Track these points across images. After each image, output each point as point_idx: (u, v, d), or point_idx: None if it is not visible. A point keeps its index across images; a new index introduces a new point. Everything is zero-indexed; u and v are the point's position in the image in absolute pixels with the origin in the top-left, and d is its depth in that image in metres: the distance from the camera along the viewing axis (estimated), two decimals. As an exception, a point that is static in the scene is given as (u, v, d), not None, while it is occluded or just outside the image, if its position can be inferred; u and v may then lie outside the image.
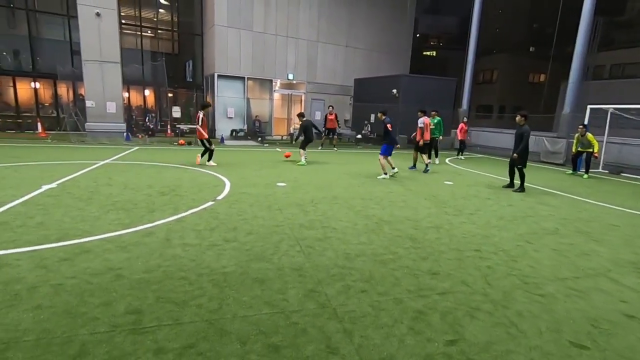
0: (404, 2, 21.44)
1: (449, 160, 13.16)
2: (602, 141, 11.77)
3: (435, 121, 11.60)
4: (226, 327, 2.50)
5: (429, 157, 11.12)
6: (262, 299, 2.88)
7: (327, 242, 4.21)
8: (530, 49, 33.97)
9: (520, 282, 3.43)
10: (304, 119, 10.55)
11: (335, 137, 15.32)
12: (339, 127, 18.79)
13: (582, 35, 13.84)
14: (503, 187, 8.16)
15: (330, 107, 15.12)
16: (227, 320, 2.58)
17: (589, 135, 10.16)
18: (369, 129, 17.79)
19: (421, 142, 9.94)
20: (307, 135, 10.32)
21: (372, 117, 17.59)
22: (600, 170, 11.98)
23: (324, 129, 15.25)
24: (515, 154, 7.64)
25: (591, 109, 12.11)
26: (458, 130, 14.02)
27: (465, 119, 14.50)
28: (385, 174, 8.59)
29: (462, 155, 14.11)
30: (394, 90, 16.18)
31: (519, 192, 7.69)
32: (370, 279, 3.33)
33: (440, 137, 12.12)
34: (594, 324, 2.79)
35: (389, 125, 8.65)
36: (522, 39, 33.49)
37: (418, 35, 31.18)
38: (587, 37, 14.11)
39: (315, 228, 4.66)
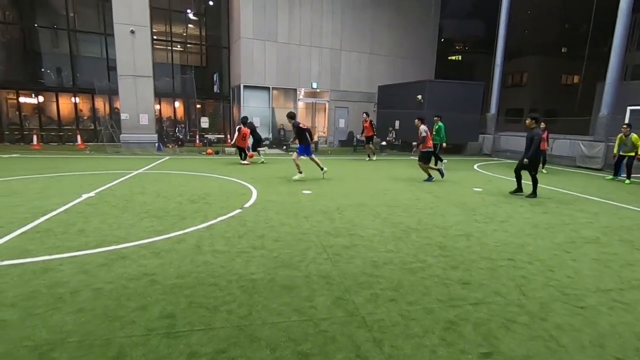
0: (428, 7, 21.27)
1: (477, 167, 12.80)
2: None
3: (437, 127, 11.34)
4: (256, 333, 2.53)
5: (435, 164, 11.03)
6: (290, 306, 2.90)
7: (354, 249, 4.18)
8: (563, 50, 32.68)
9: (559, 294, 3.27)
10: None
11: (371, 145, 13.97)
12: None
13: (619, 33, 13.18)
14: (510, 193, 7.76)
15: (365, 114, 13.87)
16: (257, 326, 2.61)
17: (634, 136, 9.51)
18: (394, 136, 17.64)
19: (416, 150, 9.43)
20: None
21: (397, 123, 17.44)
22: (643, 175, 11.27)
23: (362, 136, 14.72)
24: (526, 159, 7.29)
25: (631, 110, 11.46)
26: None
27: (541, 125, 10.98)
28: (300, 172, 8.61)
29: (543, 169, 11.20)
30: (419, 96, 15.99)
31: (531, 197, 7.36)
32: (398, 287, 3.28)
33: (444, 144, 11.47)
34: (642, 339, 2.61)
35: (302, 126, 8.71)
36: (554, 40, 32.28)
37: (443, 39, 30.71)
38: (625, 35, 13.42)
39: (342, 235, 4.65)
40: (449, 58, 36.23)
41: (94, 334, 2.45)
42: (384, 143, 17.66)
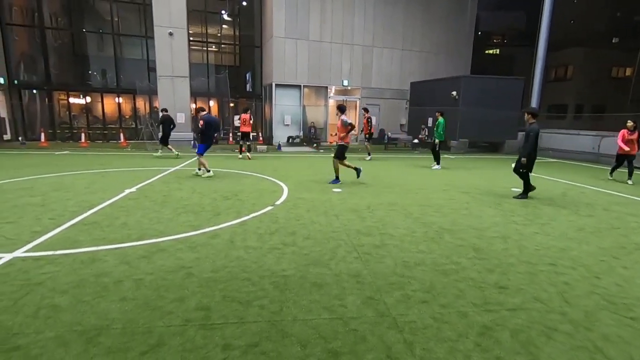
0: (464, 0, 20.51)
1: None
2: None
3: (437, 123, 10.83)
4: (287, 329, 2.57)
5: (438, 162, 10.94)
6: (320, 304, 2.92)
7: (385, 249, 4.14)
8: (614, 40, 30.37)
9: (606, 302, 3.06)
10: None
11: (368, 143, 13.30)
12: (389, 133, 18.45)
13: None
14: (514, 197, 7.03)
15: (364, 110, 13.40)
16: (288, 322, 2.65)
17: None
18: (426, 133, 17.21)
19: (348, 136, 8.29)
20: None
21: (430, 120, 17.00)
22: None
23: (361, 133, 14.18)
24: (523, 158, 6.73)
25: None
26: (620, 139, 9.19)
27: (630, 123, 9.08)
28: (209, 171, 8.50)
29: (630, 180, 9.04)
30: (454, 93, 15.49)
31: (521, 198, 6.85)
32: (431, 289, 3.21)
33: (437, 141, 10.78)
34: (703, 356, 2.39)
35: (201, 123, 8.58)
36: (603, 30, 30.06)
37: (480, 32, 29.50)
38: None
39: (373, 235, 4.61)
40: (487, 52, 34.78)
41: (136, 322, 2.60)
42: (415, 141, 17.29)
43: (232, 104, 21.09)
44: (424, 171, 10.41)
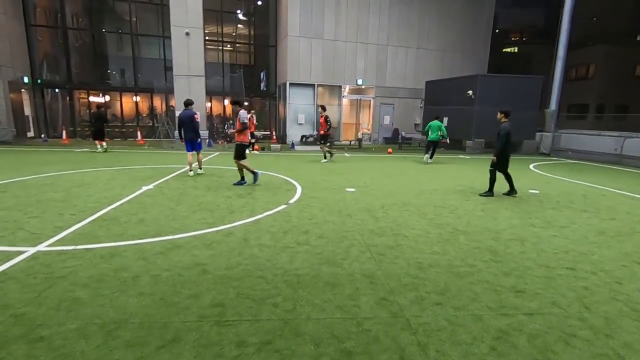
0: (482, -3, 20.13)
1: (533, 167, 11.96)
2: None
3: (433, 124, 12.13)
4: (300, 327, 2.59)
5: (431, 157, 12.09)
6: (334, 303, 2.92)
7: (399, 249, 4.11)
8: (638, 38, 29.28)
9: (628, 309, 2.97)
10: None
11: (327, 144, 12.09)
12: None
13: None
14: (503, 193, 7.08)
15: (320, 108, 11.82)
16: (302, 321, 2.67)
17: None
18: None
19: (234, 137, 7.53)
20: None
21: (445, 120, 16.76)
22: None
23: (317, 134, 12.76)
24: (494, 157, 6.85)
25: None
26: None
27: None
28: (190, 170, 8.38)
29: None
30: (470, 92, 15.24)
31: (486, 196, 6.87)
32: (445, 291, 3.18)
33: (423, 136, 11.53)
34: None
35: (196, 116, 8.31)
36: (626, 27, 29.02)
37: (497, 30, 28.90)
38: None
39: (386, 235, 4.59)
40: (504, 50, 34.05)
41: (153, 317, 2.66)
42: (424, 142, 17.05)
43: (246, 103, 21.26)
44: (439, 171, 10.29)
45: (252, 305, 2.87)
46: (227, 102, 21.76)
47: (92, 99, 19.74)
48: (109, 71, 20.36)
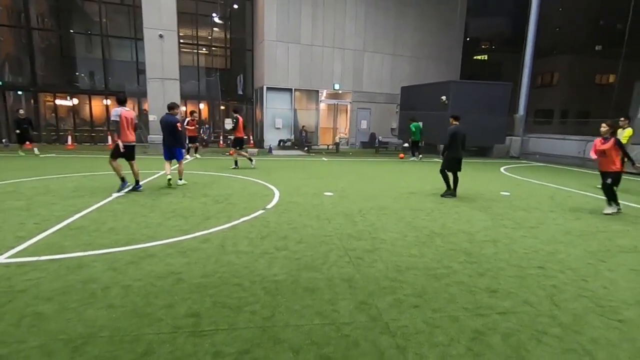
0: (454, 6, 20.84)
1: (504, 170, 12.41)
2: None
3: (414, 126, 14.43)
4: (279, 335, 2.54)
5: (414, 155, 14.69)
6: (313, 309, 2.90)
7: (377, 253, 4.14)
8: (597, 48, 31.17)
9: (594, 305, 3.11)
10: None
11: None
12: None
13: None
14: (441, 195, 7.39)
15: (190, 113, 12.92)
16: (280, 328, 2.62)
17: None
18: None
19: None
20: None
21: (421, 124, 17.15)
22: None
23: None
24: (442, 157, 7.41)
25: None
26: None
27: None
28: (169, 179, 7.48)
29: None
30: (443, 97, 15.68)
31: (447, 196, 7.26)
32: (422, 293, 3.22)
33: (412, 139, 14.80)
34: (688, 357, 2.44)
35: (178, 125, 7.59)
36: (587, 38, 30.83)
37: (469, 39, 29.95)
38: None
39: (364, 239, 4.61)
40: (475, 58, 35.29)
41: (124, 330, 2.54)
42: (406, 145, 17.40)
43: (222, 107, 20.97)
44: (415, 175, 10.49)
45: (229, 314, 2.79)
46: (202, 106, 21.40)
47: (58, 102, 18.88)
48: (77, 73, 19.55)
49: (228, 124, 18.68)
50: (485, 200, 7.14)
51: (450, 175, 7.38)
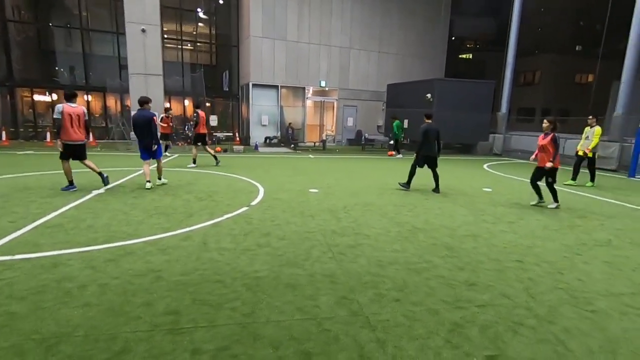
0: (439, 5, 21.05)
1: (487, 167, 12.64)
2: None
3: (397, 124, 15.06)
4: (259, 331, 2.53)
5: (399, 152, 15.37)
6: (294, 305, 2.89)
7: (359, 249, 4.16)
8: (577, 48, 32.03)
9: (568, 297, 3.20)
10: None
11: (168, 142, 12.98)
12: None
13: (635, 31, 12.84)
14: (399, 183, 7.92)
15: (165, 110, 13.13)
16: (260, 324, 2.61)
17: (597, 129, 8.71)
18: (403, 135, 17.49)
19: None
20: None
21: (406, 122, 17.30)
22: (659, 176, 10.98)
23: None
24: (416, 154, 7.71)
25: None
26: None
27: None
28: (148, 181, 6.98)
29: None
30: (428, 95, 15.84)
31: (402, 188, 7.73)
32: (403, 287, 3.25)
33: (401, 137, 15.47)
34: (654, 345, 2.54)
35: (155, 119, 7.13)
36: (568, 38, 31.64)
37: (453, 38, 30.33)
38: (642, 33, 13.03)
39: (347, 235, 4.63)
40: (460, 56, 35.78)
41: (100, 329, 2.49)
42: (392, 142, 17.54)
43: (208, 104, 20.69)
44: (399, 171, 10.56)
45: (208, 311, 2.76)
46: (187, 102, 21.08)
47: (37, 97, 18.30)
48: (56, 68, 18.98)
49: (213, 120, 18.48)
50: (468, 196, 7.25)
51: (438, 172, 7.65)
